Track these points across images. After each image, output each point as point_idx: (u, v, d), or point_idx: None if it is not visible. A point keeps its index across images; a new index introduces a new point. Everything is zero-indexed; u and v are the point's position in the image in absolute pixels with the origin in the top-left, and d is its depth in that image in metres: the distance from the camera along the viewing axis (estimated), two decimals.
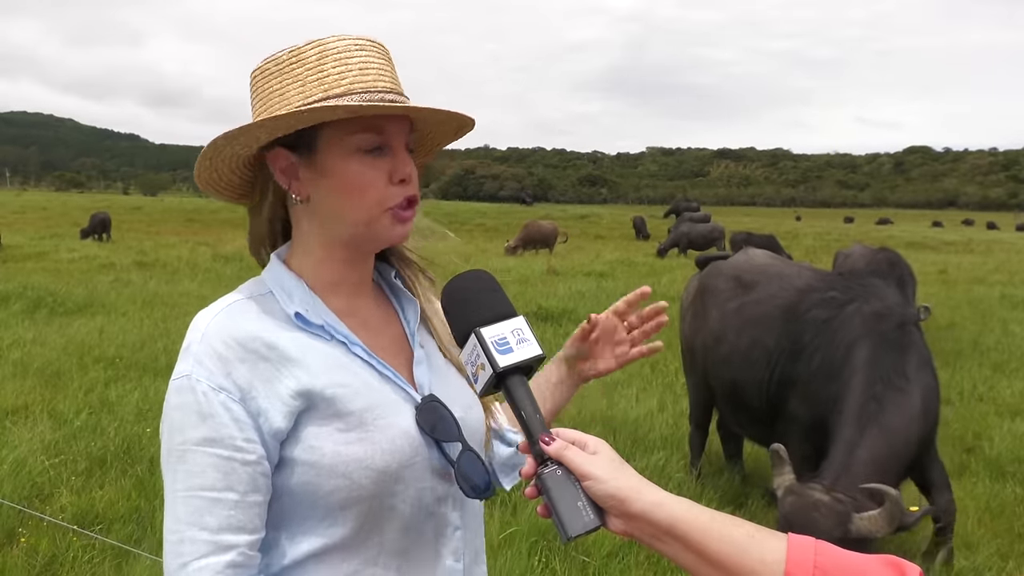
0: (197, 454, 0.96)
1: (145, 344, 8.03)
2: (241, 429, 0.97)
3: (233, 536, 0.95)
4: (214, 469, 0.96)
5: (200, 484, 0.96)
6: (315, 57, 1.02)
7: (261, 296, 1.07)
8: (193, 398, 0.97)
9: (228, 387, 0.97)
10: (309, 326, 1.04)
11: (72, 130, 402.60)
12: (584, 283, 14.25)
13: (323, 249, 1.09)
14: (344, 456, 0.99)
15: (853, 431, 3.15)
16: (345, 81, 1.02)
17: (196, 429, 0.97)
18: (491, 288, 1.01)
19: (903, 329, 3.47)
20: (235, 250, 18.33)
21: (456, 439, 1.06)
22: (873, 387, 3.27)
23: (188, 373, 0.98)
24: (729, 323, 4.32)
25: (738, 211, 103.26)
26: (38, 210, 42.19)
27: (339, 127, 1.03)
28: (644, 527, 0.87)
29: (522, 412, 0.93)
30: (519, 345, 0.95)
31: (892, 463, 3.08)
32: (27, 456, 4.67)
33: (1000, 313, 11.88)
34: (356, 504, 1.01)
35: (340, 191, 1.04)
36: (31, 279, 12.42)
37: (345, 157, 1.04)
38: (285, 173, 1.07)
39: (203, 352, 0.99)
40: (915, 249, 26.31)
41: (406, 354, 1.13)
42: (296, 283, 1.07)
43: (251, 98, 1.08)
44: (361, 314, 1.12)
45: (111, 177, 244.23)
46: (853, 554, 0.82)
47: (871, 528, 2.62)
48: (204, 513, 0.95)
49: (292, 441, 1.00)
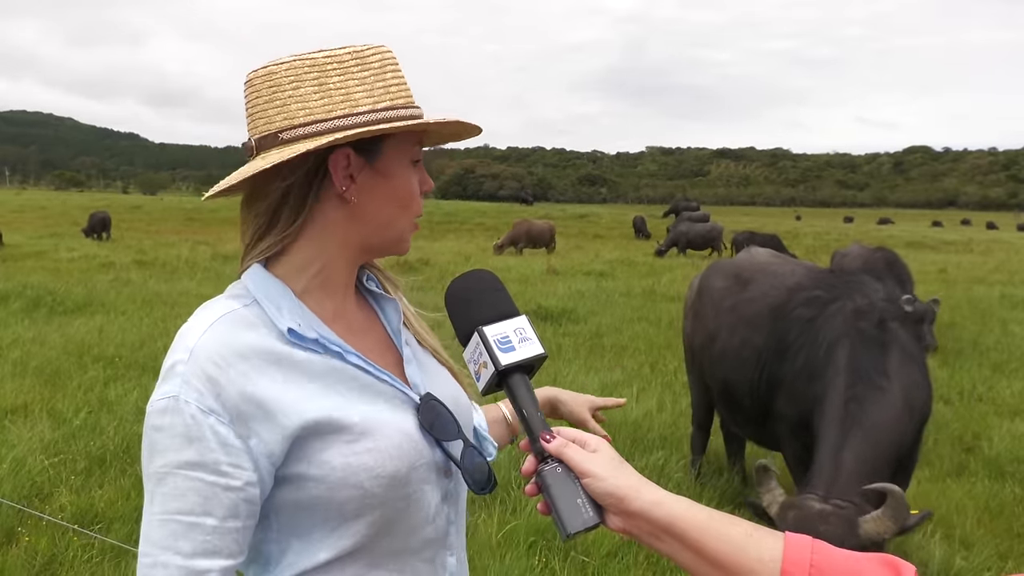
0: (178, 477, 0.94)
1: (144, 343, 8.03)
2: (228, 453, 0.94)
3: (207, 561, 0.94)
4: (195, 493, 0.93)
5: (178, 508, 0.93)
6: (378, 64, 1.04)
7: (246, 307, 1.02)
8: (180, 420, 0.94)
9: (217, 409, 0.94)
10: (303, 341, 1.02)
11: (72, 129, 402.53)
12: (584, 282, 14.26)
13: (339, 248, 1.07)
14: (354, 467, 0.99)
15: (837, 434, 3.11)
16: (403, 93, 1.06)
17: (180, 452, 0.94)
18: (494, 288, 1.01)
19: (884, 326, 3.43)
20: (235, 249, 18.33)
21: (456, 436, 1.07)
22: (853, 387, 3.24)
23: (175, 394, 0.95)
24: (723, 322, 4.32)
25: (738, 211, 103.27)
26: (37, 209, 42.22)
27: (402, 137, 1.06)
28: (643, 525, 0.87)
29: (523, 410, 0.94)
30: (521, 344, 0.95)
31: (880, 463, 3.04)
32: (26, 455, 4.68)
33: (1000, 313, 11.89)
34: (370, 511, 1.01)
35: (395, 198, 1.07)
36: (30, 278, 12.43)
37: (405, 166, 1.07)
38: (343, 173, 1.04)
39: (191, 372, 0.95)
40: (915, 249, 26.33)
41: (393, 354, 1.14)
42: (284, 293, 1.04)
43: (292, 86, 1.02)
44: (347, 318, 1.12)
45: (111, 176, 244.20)
46: (849, 552, 0.82)
47: (879, 529, 2.57)
48: (179, 538, 0.93)
49: (297, 459, 0.98)
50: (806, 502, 2.77)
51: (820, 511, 2.70)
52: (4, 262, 15.59)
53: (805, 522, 2.66)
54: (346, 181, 1.04)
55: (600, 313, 10.83)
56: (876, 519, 2.59)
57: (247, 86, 1.06)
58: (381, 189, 1.06)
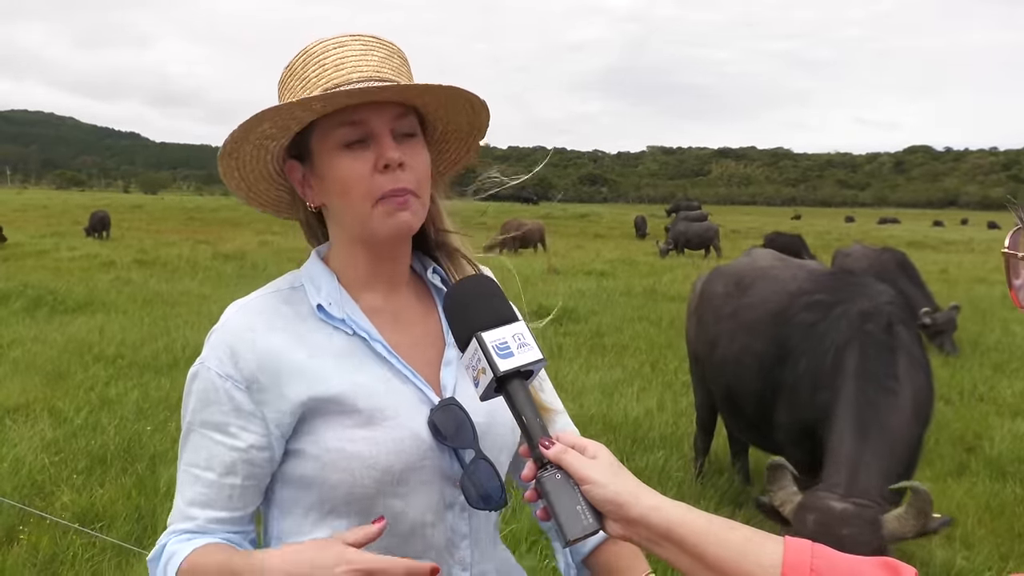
0: (195, 434, 1.05)
1: (145, 342, 8.03)
2: (239, 416, 1.03)
3: (199, 510, 1.04)
4: (204, 450, 1.04)
5: (190, 460, 1.06)
6: (300, 64, 1.06)
7: (292, 290, 1.10)
8: (202, 384, 1.04)
9: (235, 376, 1.02)
10: (331, 319, 1.06)
11: (73, 128, 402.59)
12: (584, 282, 14.25)
13: (347, 249, 1.10)
14: (348, 452, 1.01)
15: (853, 439, 3.04)
16: (322, 82, 1.02)
17: (199, 412, 1.05)
18: (492, 293, 1.00)
19: (891, 330, 3.38)
20: (235, 248, 18.35)
21: (470, 445, 1.04)
22: (866, 392, 3.20)
23: (202, 360, 1.05)
24: (724, 328, 4.27)
25: (738, 210, 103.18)
26: (39, 208, 42.21)
27: (323, 127, 1.03)
28: (642, 531, 0.87)
29: (522, 416, 0.93)
30: (520, 350, 0.94)
31: (895, 466, 2.99)
32: (28, 454, 4.68)
33: (1001, 313, 11.86)
34: (358, 501, 1.02)
35: (334, 191, 1.05)
36: (32, 277, 12.43)
37: (331, 155, 1.03)
38: (300, 184, 1.09)
39: (218, 341, 1.05)
40: (916, 248, 26.28)
41: (438, 352, 1.12)
42: (328, 277, 1.10)
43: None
44: (394, 309, 1.12)
45: (112, 175, 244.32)
46: (849, 556, 0.82)
47: (903, 528, 2.50)
48: (186, 485, 1.06)
49: (301, 434, 1.04)
50: (826, 501, 2.65)
51: (842, 511, 2.59)
52: (5, 261, 15.59)
53: (826, 524, 2.56)
54: (306, 190, 1.09)
55: (601, 312, 10.83)
56: (899, 517, 2.51)
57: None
58: (323, 187, 1.06)
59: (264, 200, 1.14)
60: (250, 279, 13.06)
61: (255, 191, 1.12)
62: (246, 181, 1.10)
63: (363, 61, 1.03)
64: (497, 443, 1.10)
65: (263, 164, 1.08)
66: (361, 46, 1.05)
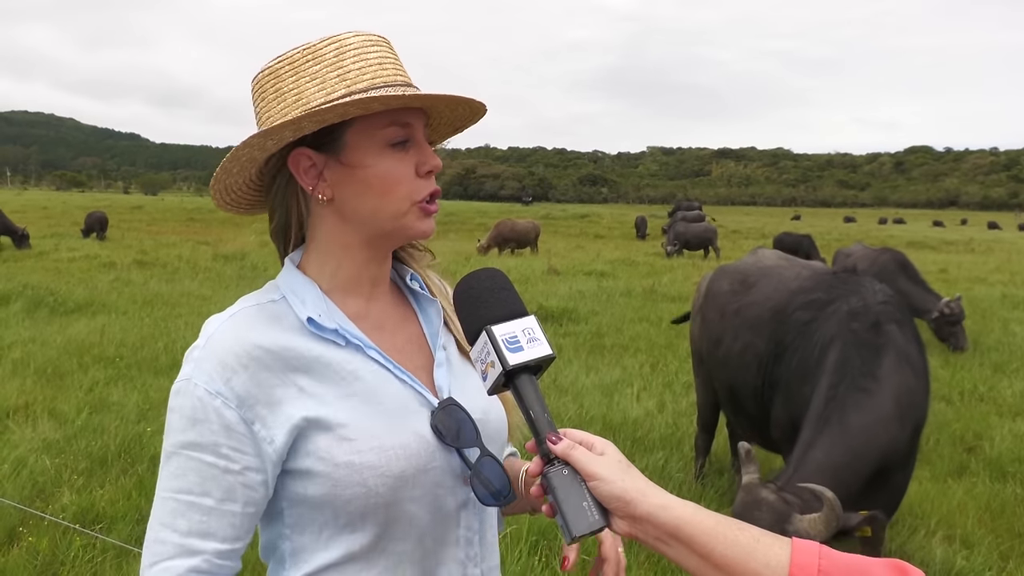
0: (181, 457, 0.97)
1: (145, 343, 8.03)
2: (230, 437, 0.97)
3: (200, 542, 0.96)
4: (195, 473, 0.96)
5: (178, 487, 0.97)
6: (333, 54, 1.01)
7: (273, 302, 1.05)
8: (188, 402, 0.97)
9: (225, 393, 0.97)
10: (322, 331, 1.03)
11: (73, 129, 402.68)
12: (585, 282, 14.25)
13: (343, 249, 1.08)
14: (358, 464, 0.98)
15: (811, 432, 3.08)
16: (367, 76, 1.00)
17: (184, 433, 0.97)
18: (503, 287, 1.00)
19: (878, 328, 3.37)
20: (235, 249, 18.33)
21: (474, 444, 1.05)
22: (836, 388, 3.20)
23: (188, 377, 0.98)
24: (728, 325, 4.30)
25: (738, 210, 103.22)
26: (39, 209, 42.17)
27: (368, 122, 1.01)
28: (649, 529, 0.87)
29: (530, 411, 0.93)
30: (529, 344, 0.94)
31: (857, 466, 2.96)
32: (28, 455, 4.68)
33: (1001, 313, 11.87)
34: (374, 511, 1.00)
35: (371, 187, 1.03)
36: (31, 278, 12.42)
37: (376, 152, 1.02)
38: (308, 174, 1.04)
39: (205, 357, 0.99)
40: (916, 248, 26.28)
41: (425, 356, 1.12)
42: (309, 287, 1.06)
43: (258, 100, 1.04)
44: (376, 315, 1.10)
45: (112, 176, 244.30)
46: (857, 557, 0.82)
47: (810, 531, 2.53)
48: (177, 516, 0.96)
49: (302, 453, 0.99)
50: (757, 489, 2.73)
51: (761, 500, 2.66)
52: (5, 262, 15.59)
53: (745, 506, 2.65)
54: (313, 180, 1.04)
55: (601, 313, 10.83)
56: (811, 520, 2.54)
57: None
58: (353, 181, 1.03)
59: (231, 199, 1.11)
60: (250, 280, 13.07)
61: (226, 184, 1.08)
62: (228, 173, 1.05)
63: (400, 65, 1.06)
64: (496, 439, 1.11)
65: (263, 153, 1.05)
66: (390, 49, 1.06)
